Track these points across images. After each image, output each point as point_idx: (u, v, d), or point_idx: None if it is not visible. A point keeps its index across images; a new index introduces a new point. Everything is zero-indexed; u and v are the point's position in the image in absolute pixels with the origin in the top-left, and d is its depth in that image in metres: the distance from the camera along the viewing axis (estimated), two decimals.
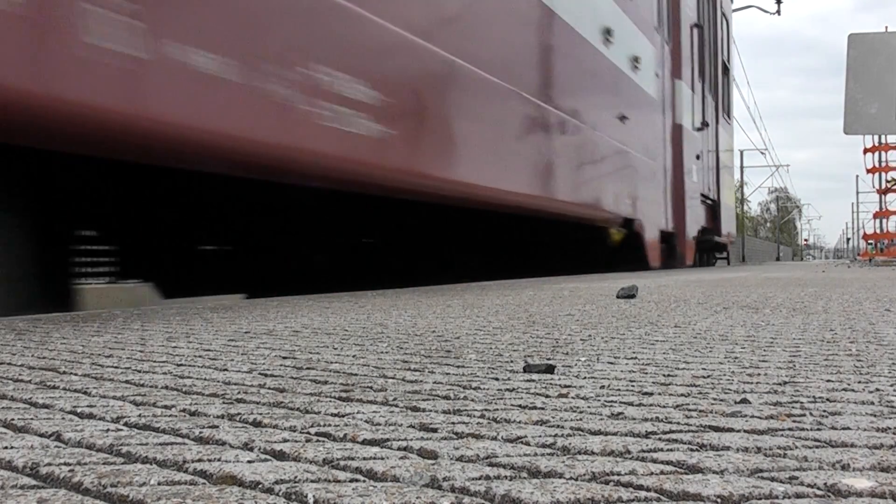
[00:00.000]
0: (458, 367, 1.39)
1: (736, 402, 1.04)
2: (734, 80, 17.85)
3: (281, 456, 0.78)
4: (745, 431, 0.87)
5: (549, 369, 1.31)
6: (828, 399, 1.06)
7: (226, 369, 1.37)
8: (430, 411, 0.99)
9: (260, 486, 0.68)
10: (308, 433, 0.88)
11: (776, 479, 0.70)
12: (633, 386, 1.17)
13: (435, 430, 0.89)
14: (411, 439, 0.84)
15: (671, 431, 0.87)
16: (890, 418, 0.94)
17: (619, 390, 1.14)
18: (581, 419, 0.94)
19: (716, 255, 15.83)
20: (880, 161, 24.61)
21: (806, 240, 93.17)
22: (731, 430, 0.88)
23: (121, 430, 0.90)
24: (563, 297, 3.63)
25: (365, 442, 0.84)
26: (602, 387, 1.17)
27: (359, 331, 2.05)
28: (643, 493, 0.66)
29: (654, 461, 0.75)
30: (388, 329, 2.10)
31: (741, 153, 49.49)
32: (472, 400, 1.07)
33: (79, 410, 1.01)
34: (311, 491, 0.66)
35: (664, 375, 1.27)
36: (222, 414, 0.99)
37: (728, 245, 16.32)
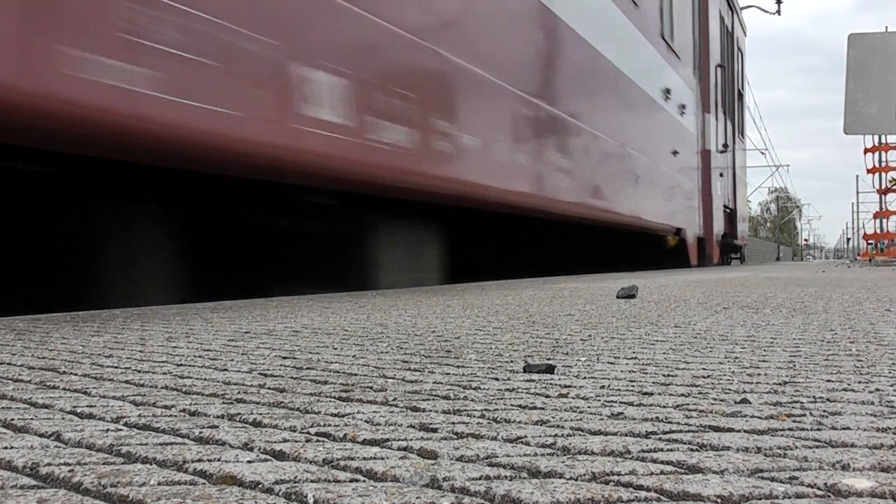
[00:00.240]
0: (458, 367, 1.39)
1: (736, 402, 1.04)
2: (747, 107, 21.11)
3: (281, 456, 0.78)
4: (746, 431, 0.87)
5: (549, 369, 1.31)
6: (828, 399, 1.06)
7: (226, 369, 1.37)
8: (430, 411, 0.99)
9: (260, 486, 0.68)
10: (308, 433, 0.88)
11: (776, 479, 0.70)
12: (633, 386, 1.17)
13: (435, 430, 0.89)
14: (411, 439, 0.84)
15: (671, 431, 0.87)
16: (890, 418, 0.94)
17: (619, 390, 1.14)
18: (581, 419, 0.94)
19: (731, 255, 17.97)
20: (880, 161, 24.60)
21: (806, 240, 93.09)
22: (731, 430, 0.88)
23: (121, 430, 0.90)
24: (563, 297, 3.63)
25: (365, 442, 0.84)
26: (602, 387, 1.17)
27: (359, 331, 2.05)
28: (643, 494, 0.66)
29: (655, 461, 0.75)
30: (388, 329, 2.10)
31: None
32: (472, 400, 1.07)
33: (79, 410, 1.01)
34: (311, 491, 0.66)
35: (664, 375, 1.27)
36: (222, 414, 0.99)
37: (742, 246, 18.72)
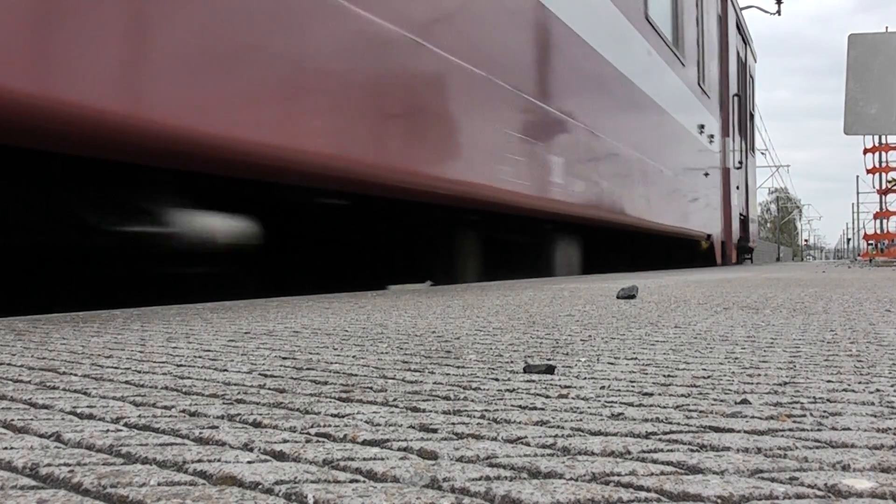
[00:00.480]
0: (458, 367, 1.39)
1: (736, 403, 1.04)
2: (757, 127, 23.66)
3: (281, 456, 0.78)
4: (746, 432, 0.87)
5: (550, 370, 1.31)
6: (828, 399, 1.06)
7: (226, 370, 1.37)
8: (431, 412, 0.99)
9: (260, 486, 0.68)
10: (308, 434, 0.88)
11: (776, 479, 0.70)
12: (633, 386, 1.17)
13: (435, 431, 0.89)
14: (411, 440, 0.84)
15: (671, 432, 0.87)
16: (890, 419, 0.93)
17: (619, 391, 1.14)
18: (581, 420, 0.94)
19: (744, 256, 19.94)
20: (880, 161, 24.61)
21: (806, 240, 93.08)
22: (731, 430, 0.88)
23: (121, 430, 0.90)
24: (563, 297, 3.63)
25: (365, 442, 0.84)
26: (602, 387, 1.17)
27: (359, 331, 2.05)
28: (643, 494, 0.66)
29: (655, 462, 0.75)
30: (388, 329, 2.10)
31: None
32: (473, 400, 1.07)
33: (78, 411, 1.01)
34: (311, 491, 0.66)
35: (664, 376, 1.27)
36: (222, 414, 0.99)
37: (753, 248, 20.89)
